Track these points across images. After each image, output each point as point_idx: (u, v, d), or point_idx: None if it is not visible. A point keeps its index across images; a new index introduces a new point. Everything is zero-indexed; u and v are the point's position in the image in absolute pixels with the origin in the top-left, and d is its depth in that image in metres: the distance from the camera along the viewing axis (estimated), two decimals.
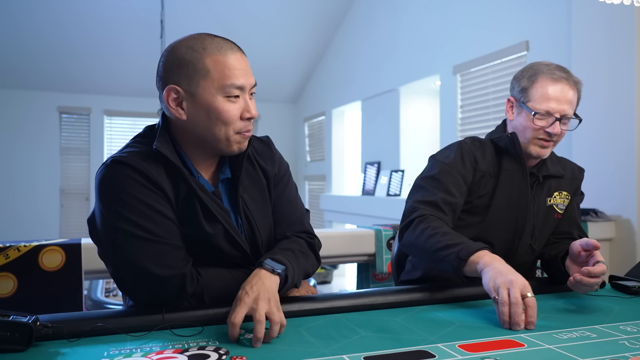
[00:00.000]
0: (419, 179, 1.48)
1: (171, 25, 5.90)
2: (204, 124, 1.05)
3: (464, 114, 4.51)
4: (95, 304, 3.62)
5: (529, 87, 1.42)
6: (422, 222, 1.31)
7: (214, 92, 1.03)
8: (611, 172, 2.90)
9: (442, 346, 0.90)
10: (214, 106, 1.04)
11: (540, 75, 1.40)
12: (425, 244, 1.26)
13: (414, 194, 1.44)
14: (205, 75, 1.03)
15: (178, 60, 1.05)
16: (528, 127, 1.42)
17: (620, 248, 2.89)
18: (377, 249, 2.50)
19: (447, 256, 1.20)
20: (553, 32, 3.50)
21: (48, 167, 7.20)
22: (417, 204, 1.38)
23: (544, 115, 1.39)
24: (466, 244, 1.21)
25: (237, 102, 1.06)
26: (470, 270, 1.17)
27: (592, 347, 0.90)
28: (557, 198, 1.51)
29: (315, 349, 0.88)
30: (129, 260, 1.02)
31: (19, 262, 1.79)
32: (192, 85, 1.03)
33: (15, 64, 6.53)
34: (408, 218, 1.36)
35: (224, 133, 1.06)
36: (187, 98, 1.04)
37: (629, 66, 2.79)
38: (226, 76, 1.03)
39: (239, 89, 1.05)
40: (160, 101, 1.09)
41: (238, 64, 1.05)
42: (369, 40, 6.09)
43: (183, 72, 1.04)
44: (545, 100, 1.38)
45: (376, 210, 5.21)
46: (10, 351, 0.85)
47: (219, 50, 1.04)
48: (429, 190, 1.41)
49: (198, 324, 0.99)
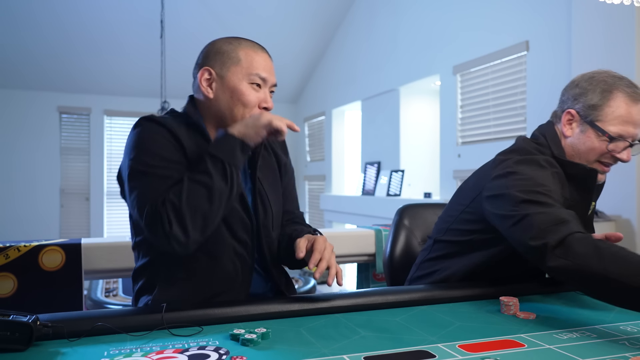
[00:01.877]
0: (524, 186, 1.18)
1: (171, 25, 5.90)
2: (227, 103, 1.20)
3: (464, 114, 4.51)
4: (95, 304, 3.62)
5: (602, 104, 1.24)
6: (592, 243, 1.02)
7: (240, 77, 1.19)
8: (611, 172, 2.88)
9: (442, 346, 0.90)
10: (238, 88, 1.19)
11: (617, 92, 1.24)
12: (609, 270, 0.96)
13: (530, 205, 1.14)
14: (236, 62, 1.20)
15: (216, 49, 1.22)
16: (595, 150, 1.27)
17: None
18: (377, 249, 2.50)
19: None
20: (553, 32, 3.50)
21: (48, 167, 7.20)
22: (564, 220, 1.09)
23: (617, 140, 1.24)
24: None
25: (258, 92, 1.21)
26: None
27: (592, 347, 0.90)
28: (589, 211, 1.42)
29: (315, 349, 0.88)
30: (139, 194, 1.09)
31: (19, 262, 1.78)
32: (224, 69, 1.20)
33: (15, 64, 6.53)
34: (556, 239, 1.05)
35: (241, 114, 1.19)
36: (217, 80, 1.20)
37: (629, 66, 2.79)
38: (253, 67, 1.20)
39: (262, 80, 1.21)
40: (193, 84, 1.25)
41: (265, 62, 1.22)
42: (369, 40, 6.09)
43: (219, 58, 1.21)
44: (620, 123, 1.23)
45: (376, 210, 5.21)
46: (10, 351, 0.85)
47: (251, 47, 1.22)
48: (550, 198, 1.15)
49: (198, 324, 0.99)
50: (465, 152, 4.44)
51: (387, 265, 1.74)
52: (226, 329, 0.97)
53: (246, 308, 1.06)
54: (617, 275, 0.95)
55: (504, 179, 1.23)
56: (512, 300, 1.12)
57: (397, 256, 1.70)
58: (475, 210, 1.37)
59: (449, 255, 1.45)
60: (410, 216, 1.76)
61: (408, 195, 5.14)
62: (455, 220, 1.45)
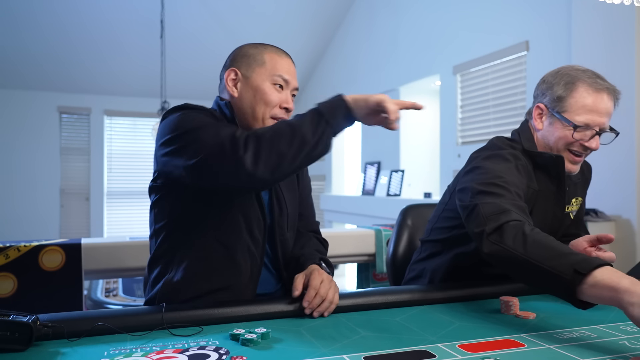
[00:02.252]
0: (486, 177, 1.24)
1: (171, 25, 5.90)
2: (250, 102, 1.25)
3: (464, 114, 4.51)
4: (95, 304, 3.62)
5: (566, 95, 1.30)
6: (523, 228, 1.06)
7: (264, 77, 1.25)
8: (611, 172, 2.90)
9: (442, 346, 0.90)
10: (261, 88, 1.24)
11: (580, 83, 1.29)
12: (527, 253, 1.01)
13: (484, 192, 1.20)
14: (261, 64, 1.26)
15: (243, 52, 1.29)
16: (562, 139, 1.32)
17: (620, 248, 2.89)
18: (377, 249, 2.50)
19: (560, 269, 0.95)
20: (553, 32, 3.50)
21: (48, 167, 7.20)
22: (506, 206, 1.14)
23: (583, 128, 1.28)
24: (584, 255, 0.97)
25: (280, 92, 1.26)
26: (592, 294, 0.92)
27: (592, 347, 0.90)
28: (573, 205, 1.45)
29: (315, 349, 0.88)
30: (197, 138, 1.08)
31: (19, 262, 1.79)
32: (249, 70, 1.26)
33: (15, 64, 6.53)
34: (496, 223, 1.10)
35: (262, 112, 1.24)
36: (242, 80, 1.26)
37: (629, 66, 2.79)
38: (277, 69, 1.26)
39: (285, 81, 1.26)
40: (219, 86, 1.32)
41: (288, 66, 1.29)
42: (369, 40, 6.09)
43: (245, 61, 1.27)
44: (585, 112, 1.27)
45: (376, 210, 5.21)
46: (10, 351, 0.85)
47: (276, 52, 1.29)
48: (505, 190, 1.20)
49: (198, 324, 0.99)
50: (465, 152, 4.44)
51: (390, 265, 1.75)
52: (226, 329, 0.98)
53: (246, 308, 1.06)
54: (534, 260, 1.00)
55: (470, 174, 1.30)
56: (512, 300, 1.13)
57: (400, 256, 1.72)
58: (452, 207, 1.42)
59: (433, 255, 1.50)
60: (413, 216, 1.78)
61: (408, 195, 5.14)
62: (438, 219, 1.51)
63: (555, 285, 0.97)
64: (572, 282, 0.93)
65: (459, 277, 1.40)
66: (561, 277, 0.95)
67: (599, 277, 0.91)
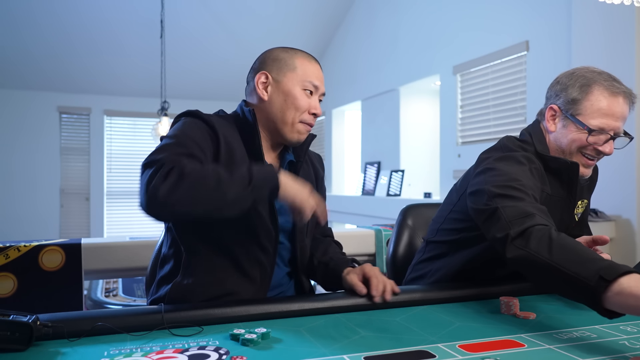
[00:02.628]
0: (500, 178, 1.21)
1: (171, 25, 5.90)
2: (280, 106, 1.26)
3: (464, 114, 4.51)
4: (95, 304, 3.63)
5: (581, 98, 1.27)
6: (549, 234, 1.03)
7: (295, 83, 1.26)
8: (611, 172, 2.90)
9: (442, 346, 0.90)
10: (292, 93, 1.26)
11: (595, 86, 1.27)
12: (552, 258, 0.98)
13: (499, 194, 1.17)
14: (293, 70, 1.27)
15: (274, 56, 1.29)
16: (575, 142, 1.29)
17: (620, 248, 2.89)
18: (377, 249, 2.50)
19: (585, 275, 0.91)
20: (553, 32, 3.50)
21: (48, 167, 7.20)
22: (528, 209, 1.11)
23: (597, 132, 1.26)
24: (610, 262, 0.93)
25: (310, 98, 1.28)
26: (616, 302, 0.88)
27: (592, 347, 0.90)
28: (579, 208, 1.43)
29: (315, 349, 0.88)
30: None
31: (19, 262, 1.79)
32: (280, 74, 1.27)
33: (15, 64, 6.53)
34: (519, 228, 1.07)
35: (292, 117, 1.26)
36: (273, 84, 1.27)
37: (629, 66, 2.79)
38: (308, 75, 1.28)
39: (315, 87, 1.28)
40: (246, 89, 1.33)
41: (318, 72, 1.31)
42: (369, 40, 6.09)
43: (276, 65, 1.28)
44: (600, 116, 1.26)
45: (376, 210, 5.21)
46: (10, 351, 0.85)
47: (307, 58, 1.31)
48: (521, 192, 1.17)
49: (198, 324, 0.99)
50: (465, 152, 4.44)
51: (390, 265, 1.75)
52: (226, 329, 0.97)
53: (246, 308, 1.06)
54: (560, 265, 0.96)
55: (483, 175, 1.26)
56: (512, 300, 1.12)
57: (400, 256, 1.71)
58: (461, 209, 1.39)
59: (440, 256, 1.47)
60: (413, 216, 1.78)
61: (408, 195, 5.14)
62: (445, 220, 1.48)
63: (580, 292, 0.93)
64: (597, 288, 0.89)
65: (468, 279, 1.38)
66: (586, 283, 0.91)
67: (625, 284, 0.86)
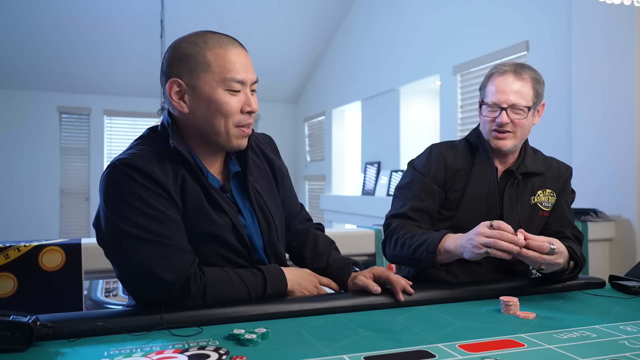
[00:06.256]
0: (395, 189, 1.61)
1: (171, 25, 5.90)
2: (205, 117, 1.07)
3: (464, 114, 4.51)
4: (95, 304, 3.62)
5: (484, 85, 1.52)
6: (394, 235, 1.45)
7: (214, 84, 1.05)
8: (611, 172, 2.89)
9: (442, 346, 0.90)
10: (214, 98, 1.05)
11: (492, 72, 1.51)
12: (401, 253, 1.41)
13: (390, 208, 1.58)
14: (206, 68, 1.05)
15: (180, 54, 1.07)
16: (483, 121, 1.52)
17: (620, 248, 2.89)
18: (377, 249, 2.50)
19: (420, 256, 1.34)
20: (553, 32, 3.50)
21: (48, 167, 7.20)
22: (390, 219, 1.53)
23: (493, 107, 1.47)
24: (430, 237, 1.33)
25: (237, 96, 1.07)
26: (446, 258, 1.31)
27: (592, 347, 0.90)
28: (540, 196, 1.54)
29: (315, 349, 0.88)
30: (135, 263, 1.01)
31: (19, 262, 1.78)
32: (194, 78, 1.05)
33: (15, 64, 6.53)
34: (385, 234, 1.52)
35: (224, 126, 1.07)
36: (189, 91, 1.06)
37: (629, 66, 2.79)
38: (227, 70, 1.05)
39: (240, 83, 1.07)
40: (164, 97, 1.12)
41: (239, 58, 1.07)
42: (369, 40, 6.09)
43: (185, 65, 1.05)
44: (493, 93, 1.47)
45: (376, 210, 5.21)
46: (10, 351, 0.85)
47: (220, 45, 1.06)
48: (400, 200, 1.55)
49: (197, 324, 0.99)
50: None
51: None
52: (226, 329, 0.97)
53: (246, 308, 1.06)
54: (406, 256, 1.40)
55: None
56: (512, 300, 1.13)
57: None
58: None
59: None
60: None
61: None
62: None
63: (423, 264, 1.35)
64: (432, 261, 1.31)
65: (430, 280, 1.54)
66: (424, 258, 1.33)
67: (441, 247, 1.30)
